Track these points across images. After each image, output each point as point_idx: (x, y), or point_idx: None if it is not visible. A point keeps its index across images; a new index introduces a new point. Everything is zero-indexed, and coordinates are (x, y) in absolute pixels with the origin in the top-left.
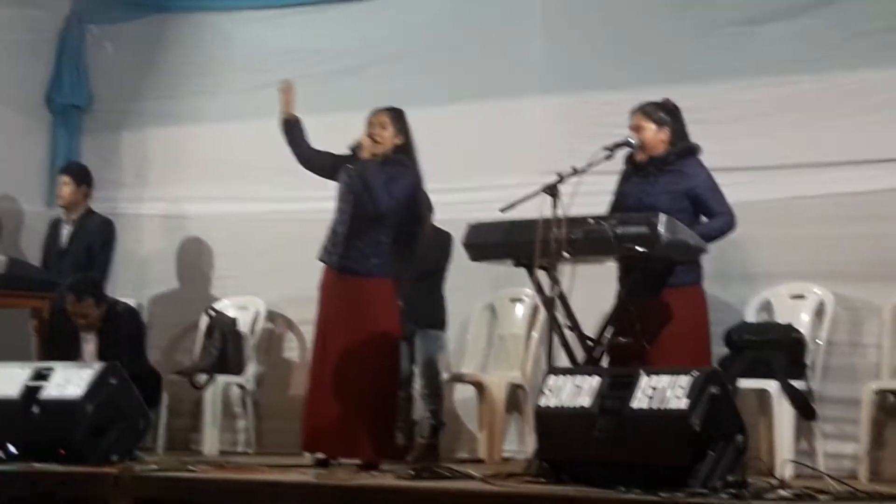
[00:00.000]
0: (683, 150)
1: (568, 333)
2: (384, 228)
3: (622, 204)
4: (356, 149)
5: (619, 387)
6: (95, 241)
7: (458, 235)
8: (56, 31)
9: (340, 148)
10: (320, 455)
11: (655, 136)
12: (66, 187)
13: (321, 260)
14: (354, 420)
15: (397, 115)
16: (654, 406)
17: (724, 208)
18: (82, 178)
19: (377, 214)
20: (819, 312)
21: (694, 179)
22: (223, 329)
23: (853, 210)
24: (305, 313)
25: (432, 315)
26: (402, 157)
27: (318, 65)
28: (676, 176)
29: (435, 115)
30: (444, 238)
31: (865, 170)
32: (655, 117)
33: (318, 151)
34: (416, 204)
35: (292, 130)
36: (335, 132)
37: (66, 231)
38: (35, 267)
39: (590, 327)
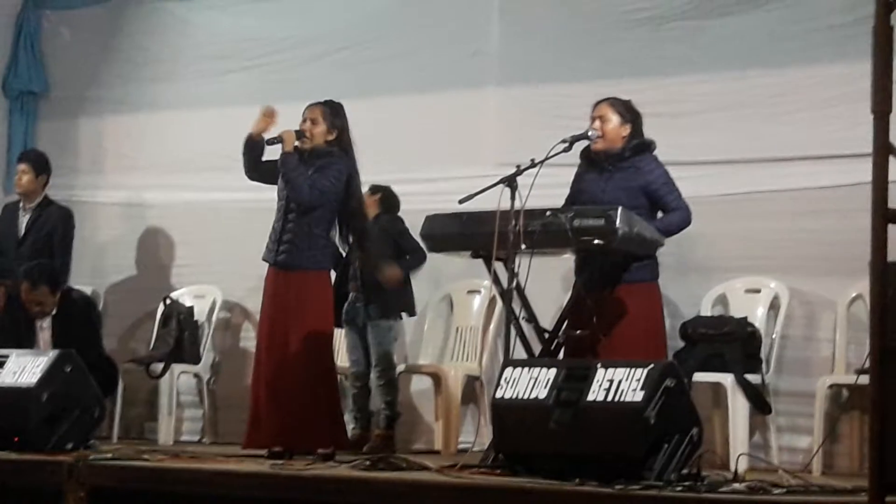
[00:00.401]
0: (638, 145)
1: (525, 325)
2: (316, 221)
3: (579, 200)
4: (275, 141)
5: (575, 379)
6: (56, 231)
7: (415, 227)
8: (12, 17)
9: None
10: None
11: (617, 129)
12: (25, 175)
13: (264, 259)
14: (288, 413)
15: (332, 110)
16: (610, 399)
17: (679, 204)
18: (42, 166)
19: (302, 207)
20: (774, 306)
21: (649, 175)
22: (179, 318)
23: (809, 205)
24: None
25: (394, 305)
26: (332, 149)
27: (275, 53)
28: (632, 172)
29: (392, 106)
30: (402, 224)
31: (821, 165)
32: (621, 111)
33: (265, 161)
34: (350, 196)
35: (254, 148)
36: (289, 121)
37: (23, 219)
38: None
39: (546, 320)
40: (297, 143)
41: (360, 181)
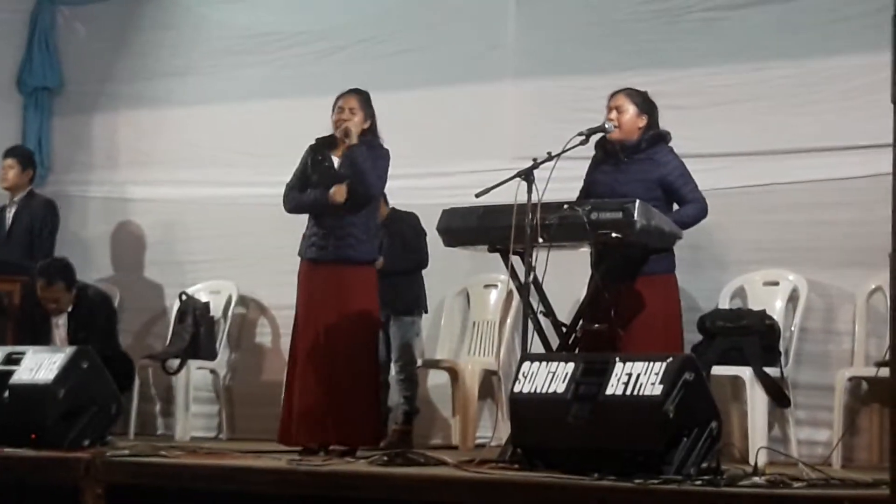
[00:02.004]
0: (654, 137)
1: (542, 320)
2: (368, 213)
3: (593, 192)
4: (343, 137)
5: (593, 373)
6: (36, 222)
7: (432, 220)
8: (27, 13)
9: (309, 130)
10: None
11: (634, 120)
12: (12, 170)
13: (307, 258)
14: (330, 408)
15: (365, 99)
16: (629, 392)
17: (696, 196)
18: (28, 161)
19: (368, 198)
20: (793, 299)
21: (665, 167)
22: (195, 314)
23: (828, 197)
24: (278, 298)
25: (415, 300)
26: (374, 139)
27: (291, 48)
28: (647, 164)
29: (409, 100)
30: (416, 220)
31: (840, 156)
32: (637, 102)
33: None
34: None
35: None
36: (305, 116)
37: (9, 213)
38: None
39: (564, 314)
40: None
41: None
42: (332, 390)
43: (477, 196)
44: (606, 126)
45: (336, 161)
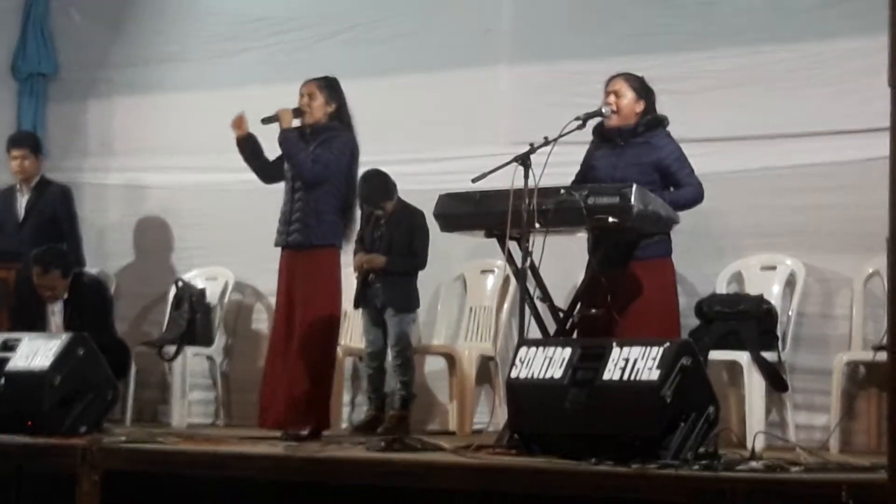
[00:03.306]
0: (652, 121)
1: (539, 305)
2: (323, 197)
3: (590, 177)
4: (271, 119)
5: (590, 358)
6: (59, 212)
7: (428, 206)
8: None
9: None
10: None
11: (631, 104)
12: (26, 161)
13: (277, 244)
14: (296, 393)
15: (327, 84)
16: (626, 378)
17: (692, 180)
18: (38, 147)
19: (307, 184)
20: (790, 283)
21: (662, 151)
22: (191, 300)
23: (824, 181)
24: (274, 284)
25: (407, 299)
26: (333, 123)
27: (285, 33)
28: (644, 148)
29: (403, 85)
30: (420, 219)
31: (837, 140)
32: (635, 86)
33: (271, 161)
34: (351, 170)
35: (246, 149)
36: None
37: (21, 201)
38: None
39: (561, 299)
40: (297, 121)
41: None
42: (288, 374)
43: (473, 181)
44: (603, 110)
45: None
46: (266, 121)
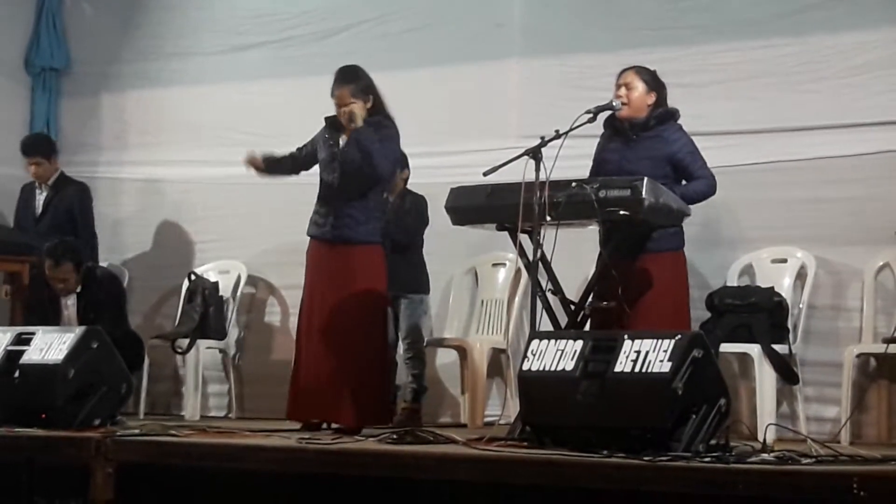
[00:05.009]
0: (663, 114)
1: (551, 297)
2: (375, 193)
3: (602, 170)
4: (348, 121)
5: (602, 351)
6: (74, 207)
7: (440, 199)
8: None
9: (315, 110)
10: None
11: (643, 97)
12: (40, 167)
13: (310, 235)
14: (339, 386)
15: (355, 84)
16: (637, 370)
17: (704, 173)
18: (51, 150)
19: (376, 179)
20: (801, 276)
21: (674, 144)
22: (204, 293)
23: (834, 174)
24: (287, 277)
25: (415, 280)
26: (381, 117)
27: (296, 27)
28: (656, 141)
29: (416, 78)
30: (420, 204)
31: (846, 133)
32: (647, 79)
33: (295, 156)
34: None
35: (270, 171)
36: (311, 95)
37: (40, 197)
38: (10, 230)
39: (572, 291)
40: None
41: None
42: (338, 369)
43: (485, 174)
44: (615, 103)
45: (342, 142)
46: (340, 125)
